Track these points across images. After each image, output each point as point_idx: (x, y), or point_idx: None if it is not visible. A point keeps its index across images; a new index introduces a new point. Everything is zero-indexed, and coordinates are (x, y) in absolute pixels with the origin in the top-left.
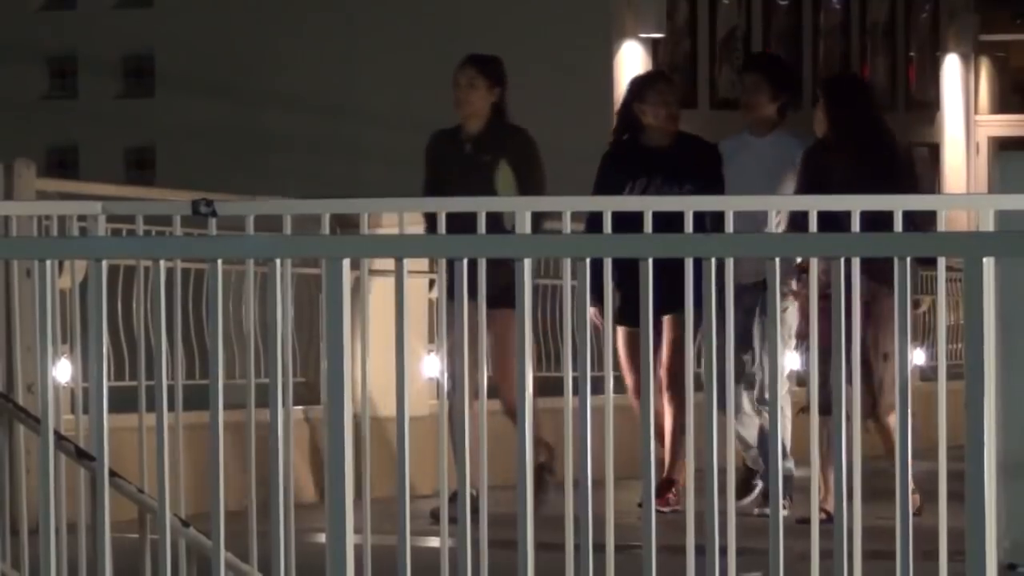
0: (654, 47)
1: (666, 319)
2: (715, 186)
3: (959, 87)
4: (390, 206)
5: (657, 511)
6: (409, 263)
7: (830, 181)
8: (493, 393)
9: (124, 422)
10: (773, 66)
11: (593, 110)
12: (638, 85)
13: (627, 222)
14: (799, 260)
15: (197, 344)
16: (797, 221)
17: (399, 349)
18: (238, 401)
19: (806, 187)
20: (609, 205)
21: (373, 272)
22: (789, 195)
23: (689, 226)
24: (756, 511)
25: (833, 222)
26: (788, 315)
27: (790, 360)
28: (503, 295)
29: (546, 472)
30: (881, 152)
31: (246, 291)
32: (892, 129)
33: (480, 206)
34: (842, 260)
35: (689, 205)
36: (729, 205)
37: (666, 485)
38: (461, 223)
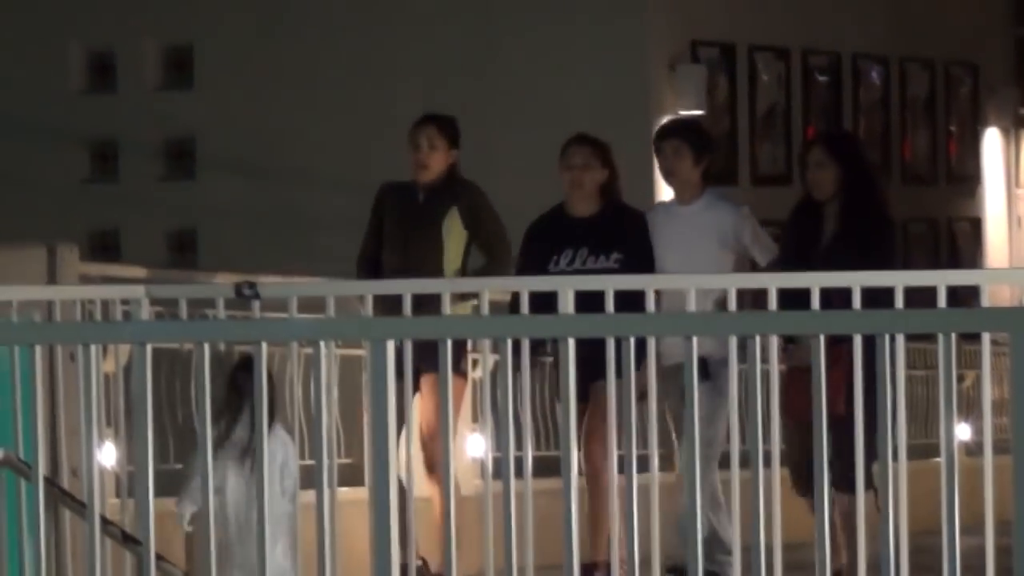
0: None
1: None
2: (645, 255)
3: (1000, 161)
4: (433, 287)
5: None
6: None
7: (818, 244)
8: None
9: (170, 506)
10: (691, 130)
11: (631, 186)
12: (562, 147)
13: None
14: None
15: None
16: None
17: (443, 428)
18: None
19: (794, 249)
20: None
21: None
22: (727, 260)
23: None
24: None
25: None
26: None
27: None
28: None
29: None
30: (879, 217)
31: (290, 373)
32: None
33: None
34: (884, 336)
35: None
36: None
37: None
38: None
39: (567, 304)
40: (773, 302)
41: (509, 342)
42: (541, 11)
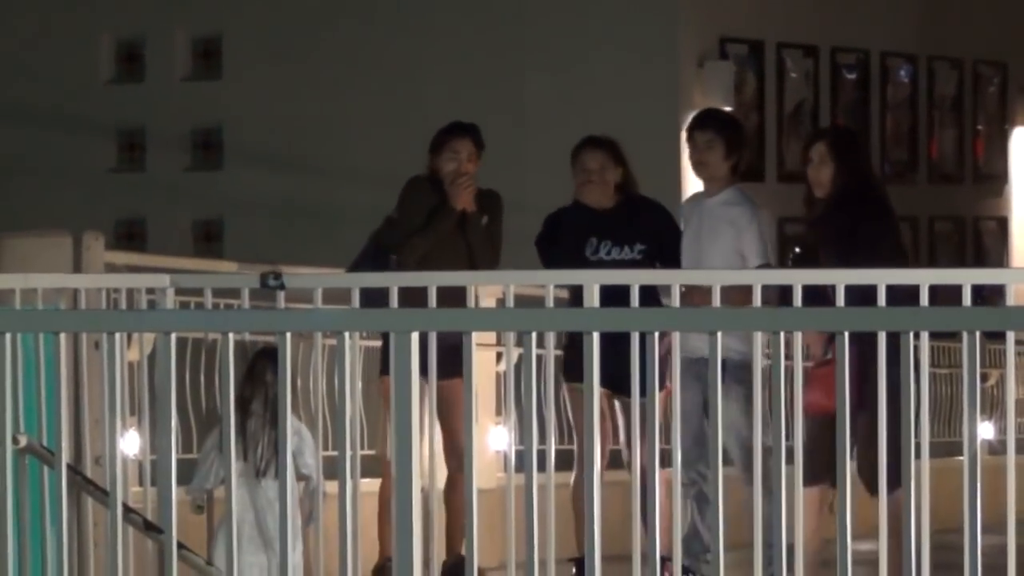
0: None
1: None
2: (673, 243)
3: None
4: (458, 279)
5: None
6: (477, 336)
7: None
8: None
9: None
10: (726, 124)
11: (660, 183)
12: (574, 150)
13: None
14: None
15: None
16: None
17: (467, 421)
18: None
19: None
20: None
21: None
22: (731, 252)
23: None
24: None
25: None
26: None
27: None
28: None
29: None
30: (867, 216)
31: (314, 364)
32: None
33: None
34: (906, 334)
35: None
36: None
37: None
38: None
39: (592, 298)
40: (798, 299)
41: (534, 335)
42: (570, 10)
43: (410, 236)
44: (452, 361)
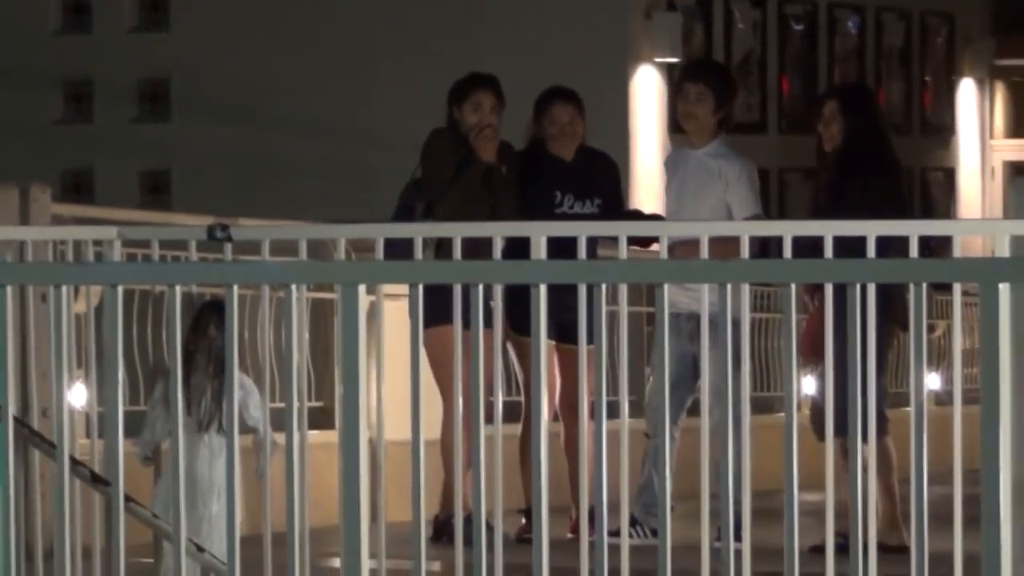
0: (669, 72)
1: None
2: (619, 202)
3: (974, 112)
4: (405, 231)
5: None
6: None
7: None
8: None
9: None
10: (719, 77)
11: (608, 134)
12: (539, 100)
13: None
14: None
15: None
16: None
17: (414, 374)
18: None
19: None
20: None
21: (388, 296)
22: (719, 204)
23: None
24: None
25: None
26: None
27: (805, 384)
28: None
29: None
30: (876, 171)
31: (261, 316)
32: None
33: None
34: (857, 286)
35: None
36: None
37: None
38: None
39: (540, 251)
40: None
41: (480, 287)
42: None
43: (444, 189)
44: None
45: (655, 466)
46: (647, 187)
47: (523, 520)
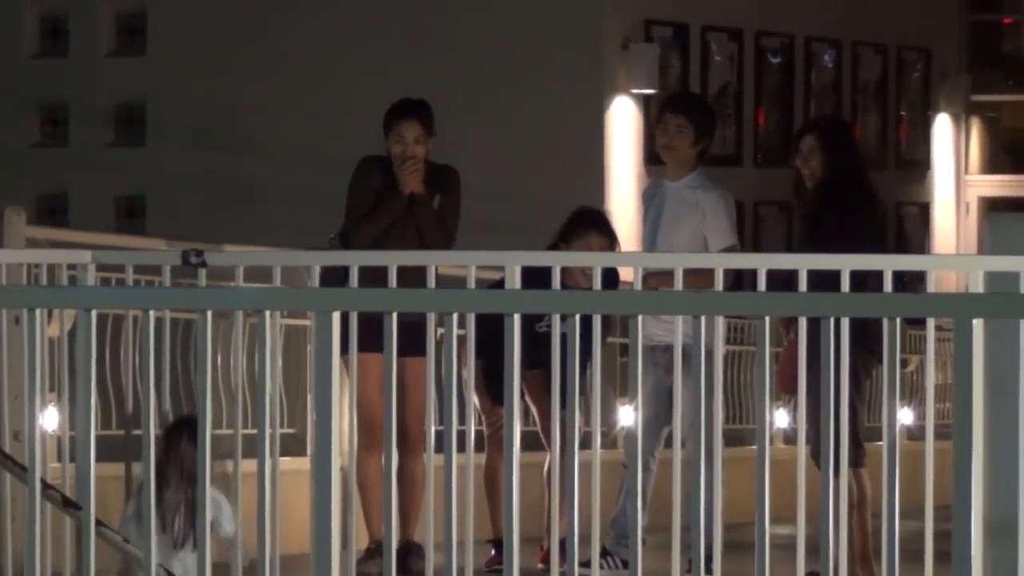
0: (646, 103)
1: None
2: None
3: (950, 147)
4: (380, 259)
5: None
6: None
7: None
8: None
9: (111, 471)
10: (699, 109)
11: (583, 164)
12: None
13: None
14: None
15: (184, 394)
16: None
17: (387, 401)
18: (226, 451)
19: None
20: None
21: None
22: (696, 236)
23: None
24: None
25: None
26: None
27: (778, 417)
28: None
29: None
30: (851, 205)
31: (235, 342)
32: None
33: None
34: (831, 320)
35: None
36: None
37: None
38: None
39: (515, 280)
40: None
41: (455, 316)
42: None
43: (359, 222)
44: (416, 339)
45: (628, 497)
46: (623, 217)
47: (492, 551)
